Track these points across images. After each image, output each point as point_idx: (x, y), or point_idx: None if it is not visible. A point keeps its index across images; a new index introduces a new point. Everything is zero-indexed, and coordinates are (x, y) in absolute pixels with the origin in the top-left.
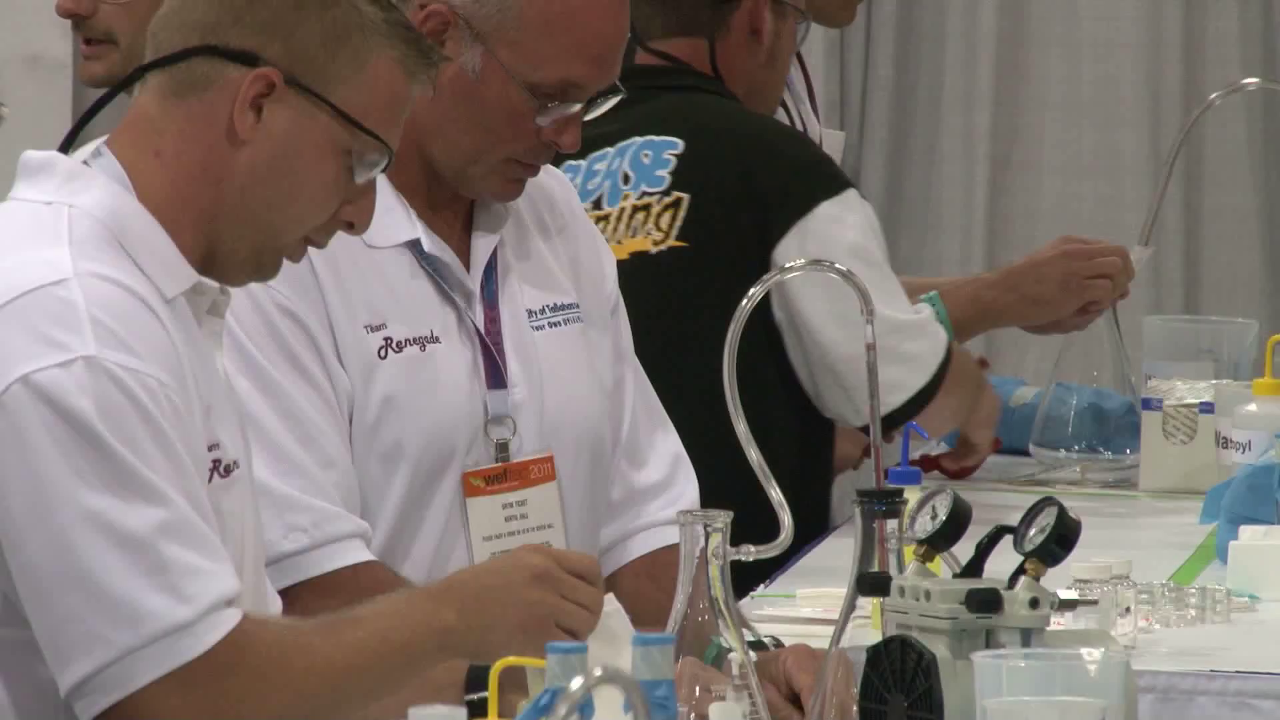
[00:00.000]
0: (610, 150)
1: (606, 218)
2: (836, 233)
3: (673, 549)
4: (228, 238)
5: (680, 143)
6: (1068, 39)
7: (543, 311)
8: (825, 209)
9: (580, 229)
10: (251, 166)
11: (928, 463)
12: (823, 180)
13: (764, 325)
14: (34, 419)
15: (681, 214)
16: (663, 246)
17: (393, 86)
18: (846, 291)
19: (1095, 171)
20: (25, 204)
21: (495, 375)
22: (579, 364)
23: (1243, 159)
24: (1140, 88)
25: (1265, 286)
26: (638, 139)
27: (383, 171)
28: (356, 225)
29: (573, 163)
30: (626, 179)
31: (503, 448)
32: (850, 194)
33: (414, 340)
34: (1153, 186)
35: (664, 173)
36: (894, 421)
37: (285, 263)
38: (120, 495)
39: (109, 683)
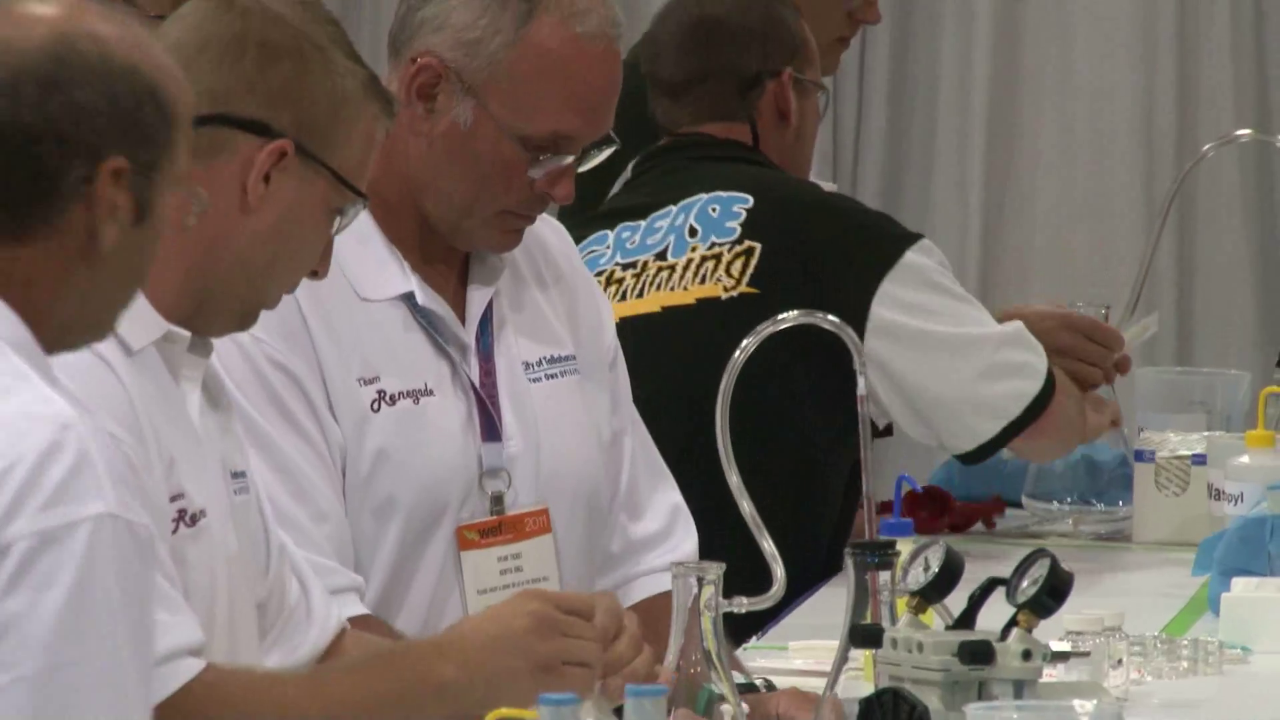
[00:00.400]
0: (673, 208)
1: (673, 268)
2: (926, 277)
3: (668, 595)
4: (219, 296)
5: (750, 198)
6: (1061, 88)
7: (539, 364)
8: (910, 257)
9: (578, 280)
10: (254, 232)
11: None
12: (898, 232)
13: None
14: None
15: (754, 262)
16: (734, 293)
17: (369, 141)
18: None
19: (1088, 221)
20: None
21: (490, 428)
22: (576, 416)
23: (1236, 210)
24: (1133, 137)
25: (1258, 338)
26: (704, 195)
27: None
28: (319, 273)
29: (632, 223)
30: (693, 232)
31: (498, 500)
32: (925, 241)
33: (407, 393)
34: (1145, 236)
35: (734, 224)
36: (1020, 426)
37: (278, 315)
38: None
39: None
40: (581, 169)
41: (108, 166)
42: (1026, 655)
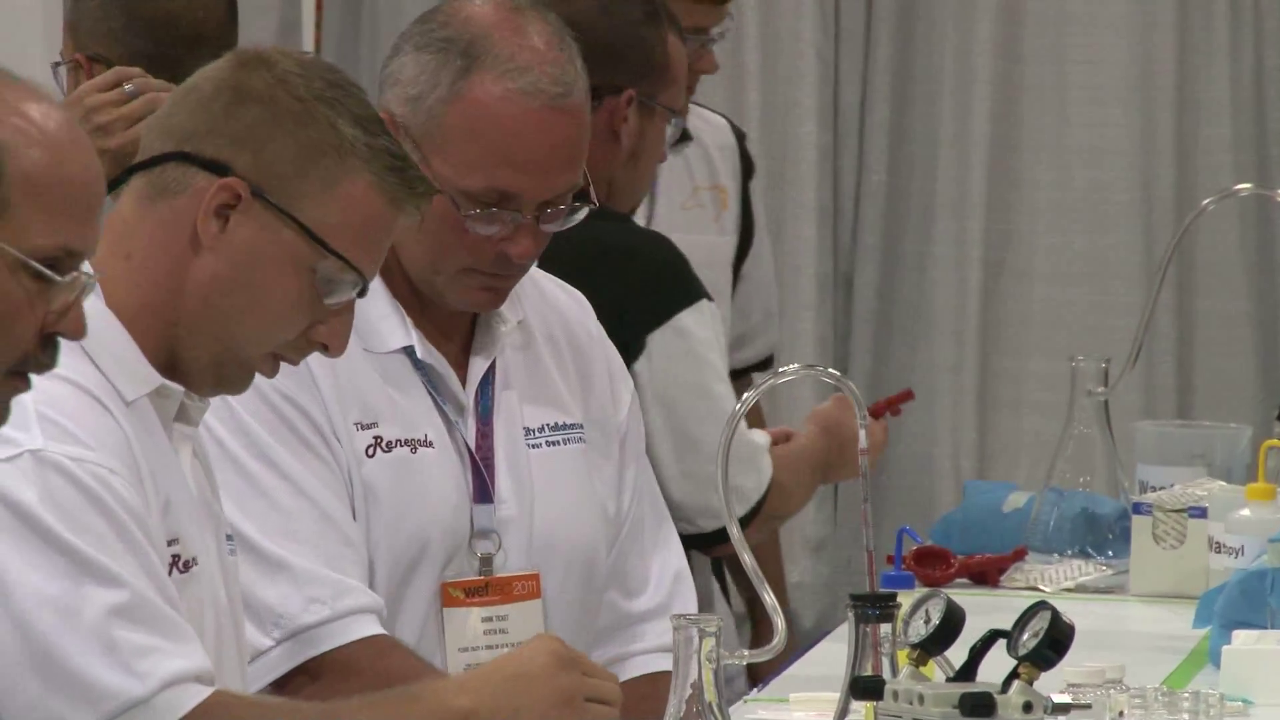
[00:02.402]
0: None
1: None
2: (689, 346)
3: (664, 675)
4: (189, 344)
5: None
6: (1059, 145)
7: (541, 430)
8: (683, 318)
9: (597, 352)
10: (214, 275)
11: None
12: (682, 289)
13: None
14: None
15: None
16: None
17: (367, 210)
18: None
19: (1087, 277)
20: None
21: (482, 490)
22: (577, 484)
23: (1235, 264)
24: (1132, 193)
25: (1258, 392)
26: None
27: (358, 295)
28: (330, 348)
29: None
30: None
31: (486, 561)
32: (704, 303)
33: (405, 442)
34: (1144, 291)
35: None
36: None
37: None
38: (74, 580)
39: None
40: (553, 228)
41: None
42: (1028, 708)
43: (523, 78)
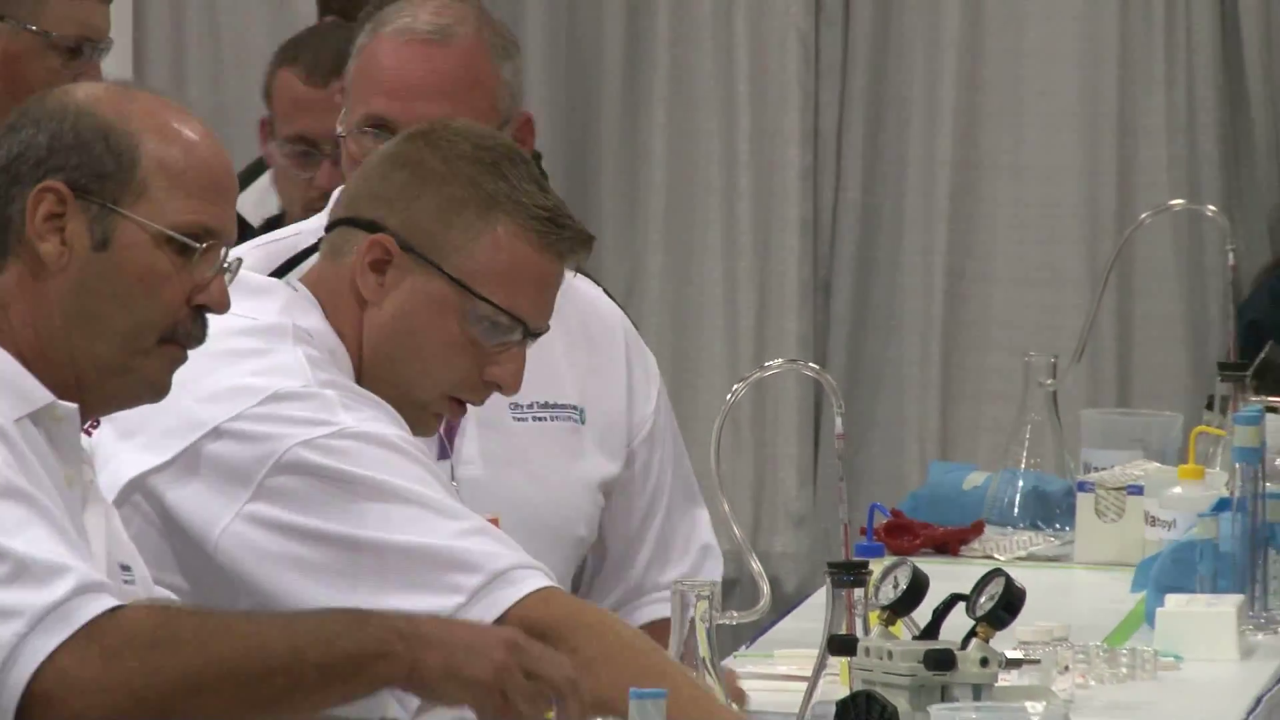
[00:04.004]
0: None
1: None
2: None
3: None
4: (374, 387)
5: None
6: (1015, 165)
7: (530, 406)
8: None
9: (618, 351)
10: (379, 325)
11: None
12: None
13: None
14: None
15: None
16: None
17: (513, 256)
18: None
19: (1039, 282)
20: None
21: (441, 448)
22: (557, 459)
23: (1169, 271)
24: (1079, 208)
25: (1189, 384)
26: None
27: (525, 338)
28: (504, 386)
29: None
30: None
31: None
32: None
33: None
34: (1089, 295)
35: None
36: None
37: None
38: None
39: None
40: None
41: (42, 188)
42: (984, 662)
43: (398, 23)
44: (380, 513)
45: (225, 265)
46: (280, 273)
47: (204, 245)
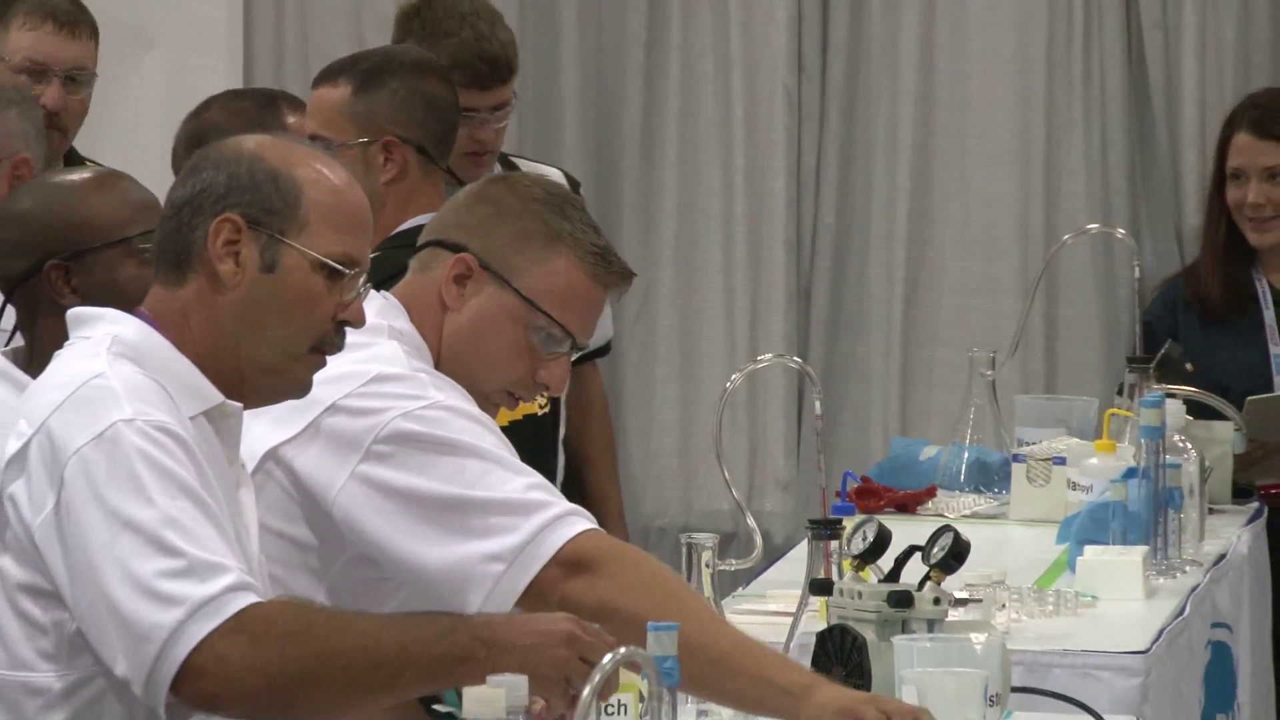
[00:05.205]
0: None
1: None
2: None
3: None
4: (454, 378)
5: None
6: (962, 195)
7: None
8: None
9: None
10: (457, 328)
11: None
12: None
13: None
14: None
15: None
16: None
17: (569, 282)
18: None
19: (981, 292)
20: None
21: None
22: None
23: (1087, 283)
24: (1014, 230)
25: (1103, 375)
26: None
27: (572, 350)
28: (550, 387)
29: None
30: None
31: None
32: None
33: None
34: (1022, 302)
35: None
36: None
37: None
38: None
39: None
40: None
41: (222, 218)
42: (937, 601)
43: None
44: (466, 469)
45: (363, 286)
46: None
47: (352, 272)
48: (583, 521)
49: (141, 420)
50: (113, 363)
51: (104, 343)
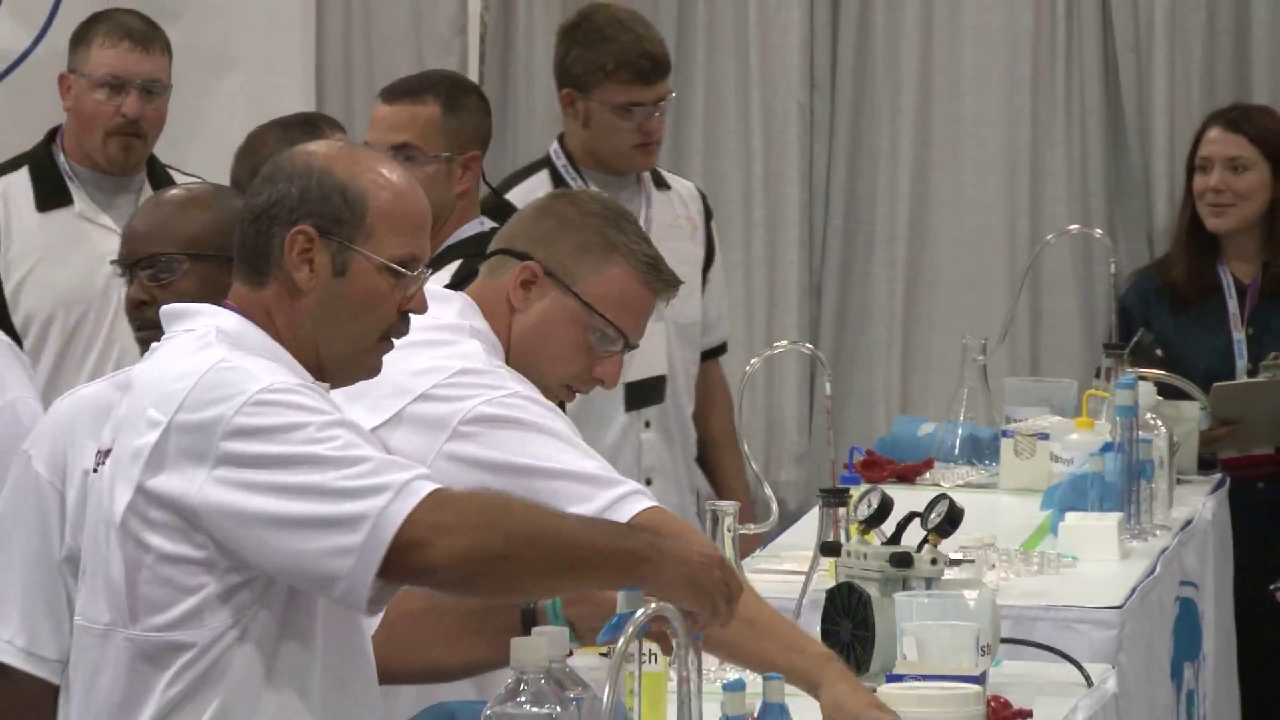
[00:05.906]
0: None
1: None
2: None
3: None
4: (521, 372)
5: None
6: (956, 200)
7: None
8: None
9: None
10: (523, 328)
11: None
12: None
13: None
14: None
15: None
16: None
17: (624, 288)
18: None
19: (974, 286)
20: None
21: None
22: None
23: (1068, 278)
24: (1003, 231)
25: (1083, 360)
26: None
27: (626, 349)
28: (605, 382)
29: None
30: None
31: None
32: None
33: None
34: (1010, 296)
35: None
36: None
37: None
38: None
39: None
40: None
41: (296, 230)
42: (934, 562)
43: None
44: (544, 447)
45: (423, 278)
46: None
47: (414, 273)
48: (646, 499)
49: (278, 383)
50: (229, 350)
51: (209, 334)
